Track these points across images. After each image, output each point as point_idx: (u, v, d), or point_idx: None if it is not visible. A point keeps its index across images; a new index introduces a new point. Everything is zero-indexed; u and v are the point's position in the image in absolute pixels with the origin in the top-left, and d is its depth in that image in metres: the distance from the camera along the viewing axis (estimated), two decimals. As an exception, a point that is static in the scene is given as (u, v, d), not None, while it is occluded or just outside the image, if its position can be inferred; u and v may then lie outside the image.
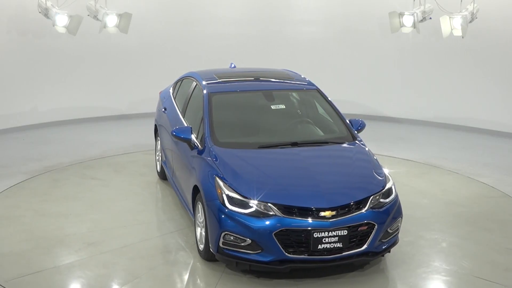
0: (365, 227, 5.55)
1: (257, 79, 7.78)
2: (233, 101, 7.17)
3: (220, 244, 5.60)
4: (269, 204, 5.46)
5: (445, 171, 9.18)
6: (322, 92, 7.28)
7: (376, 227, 5.59)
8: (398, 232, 6.00)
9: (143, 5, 12.19)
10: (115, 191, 8.21)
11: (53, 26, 10.18)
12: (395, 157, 9.89)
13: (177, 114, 7.69)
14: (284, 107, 7.12)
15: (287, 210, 5.44)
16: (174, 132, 6.65)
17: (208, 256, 5.94)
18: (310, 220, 5.41)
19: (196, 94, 7.31)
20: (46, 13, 10.08)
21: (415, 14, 10.63)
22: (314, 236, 5.39)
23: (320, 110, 7.22)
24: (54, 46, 11.42)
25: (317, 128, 7.01)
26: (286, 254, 5.41)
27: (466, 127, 11.96)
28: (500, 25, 11.32)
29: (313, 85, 7.41)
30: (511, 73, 11.45)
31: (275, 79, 7.75)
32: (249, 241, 5.45)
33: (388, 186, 5.91)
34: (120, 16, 10.40)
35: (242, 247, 5.50)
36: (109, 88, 12.35)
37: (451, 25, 10.25)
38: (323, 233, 5.40)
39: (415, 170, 9.25)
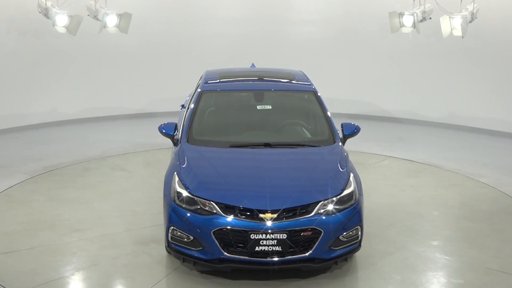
0: (310, 233, 5.41)
1: (260, 79, 7.76)
2: (223, 100, 7.28)
3: (169, 239, 5.68)
4: (211, 203, 5.47)
5: (445, 171, 9.16)
6: (318, 95, 7.12)
7: (322, 233, 5.43)
8: (358, 241, 5.75)
9: (143, 5, 12.19)
10: (134, 182, 8.46)
11: (53, 26, 10.19)
12: (395, 157, 9.89)
13: (183, 111, 7.87)
14: (270, 107, 7.10)
15: (229, 209, 5.42)
16: (160, 128, 6.79)
17: None
18: (249, 221, 5.36)
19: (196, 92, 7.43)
20: (46, 13, 10.08)
21: (415, 14, 10.63)
22: (251, 237, 5.33)
23: (312, 113, 7.11)
24: (54, 46, 11.43)
25: (301, 130, 6.94)
26: (225, 253, 5.40)
27: (466, 127, 11.96)
28: (500, 25, 11.32)
29: (312, 87, 7.28)
30: (511, 73, 11.45)
31: (278, 79, 7.72)
32: (191, 237, 5.51)
33: (346, 192, 5.69)
34: (120, 16, 10.41)
35: (186, 243, 5.56)
36: (109, 88, 12.35)
37: (451, 25, 10.25)
38: (261, 235, 5.33)
39: (415, 171, 9.18)
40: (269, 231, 5.33)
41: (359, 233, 5.74)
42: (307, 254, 5.44)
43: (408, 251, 6.38)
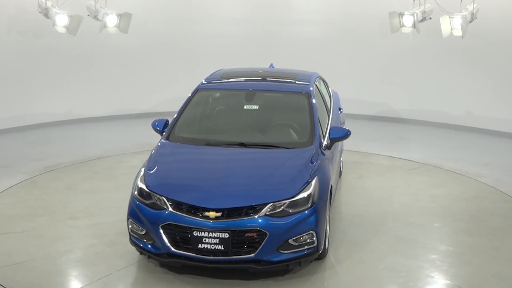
0: (254, 234, 5.37)
1: (263, 79, 7.77)
2: (215, 99, 7.35)
3: (129, 231, 5.87)
4: (163, 198, 5.58)
5: (445, 171, 9.12)
6: (311, 97, 6.98)
7: (268, 235, 5.37)
8: (313, 246, 5.62)
9: (143, 5, 12.19)
10: None
11: (53, 26, 10.19)
12: (395, 157, 9.89)
13: None
14: (257, 107, 7.07)
15: (177, 205, 5.51)
16: (154, 124, 6.92)
17: None
18: (193, 218, 5.42)
19: None
20: (46, 13, 10.09)
21: (415, 14, 10.63)
22: (194, 234, 5.40)
23: (300, 114, 6.92)
24: (54, 46, 11.43)
25: (283, 131, 6.85)
26: (172, 248, 5.50)
27: (466, 127, 11.96)
28: (500, 25, 11.32)
29: (307, 89, 7.14)
30: (511, 73, 11.46)
31: (278, 80, 7.69)
32: (144, 231, 5.66)
33: (301, 196, 5.58)
34: (120, 16, 10.42)
35: (141, 236, 5.72)
36: (109, 88, 12.36)
37: (451, 25, 10.25)
38: (203, 232, 5.38)
39: (444, 181, 8.77)
40: (211, 229, 5.37)
41: (315, 238, 5.61)
42: (251, 255, 5.40)
43: (382, 261, 6.13)
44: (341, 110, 8.53)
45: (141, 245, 5.71)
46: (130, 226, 5.82)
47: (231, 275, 5.69)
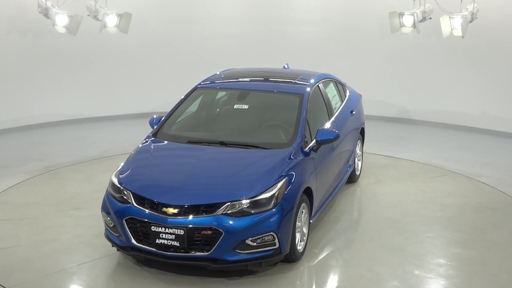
0: (210, 232, 5.39)
1: (265, 80, 7.77)
2: (210, 98, 7.40)
3: (104, 224, 6.03)
4: (128, 192, 5.73)
5: (470, 180, 8.80)
6: (304, 98, 6.86)
7: (223, 234, 5.37)
8: (275, 248, 5.57)
9: (143, 5, 12.19)
10: None
11: (53, 26, 10.20)
12: (395, 157, 9.89)
13: None
14: (246, 107, 7.06)
15: (140, 200, 5.63)
16: (150, 121, 7.02)
17: None
18: (152, 213, 5.52)
19: None
20: (46, 13, 10.09)
21: (415, 14, 10.63)
22: (152, 229, 5.50)
23: (291, 115, 6.80)
24: (54, 46, 11.43)
25: (268, 132, 6.79)
26: (134, 242, 5.62)
27: (466, 127, 11.95)
28: (500, 25, 11.32)
29: (302, 90, 7.05)
30: (511, 73, 11.46)
31: (277, 80, 7.68)
32: (113, 223, 5.80)
33: (262, 196, 5.55)
34: (120, 16, 10.42)
35: (111, 229, 5.87)
36: (109, 88, 12.36)
37: (451, 25, 10.25)
38: (160, 228, 5.47)
39: (465, 190, 8.43)
40: (167, 225, 5.44)
41: (276, 240, 5.56)
42: (206, 253, 5.44)
43: (354, 268, 5.96)
44: (353, 113, 8.29)
45: (110, 237, 5.88)
46: (104, 219, 5.96)
47: (195, 272, 5.71)
